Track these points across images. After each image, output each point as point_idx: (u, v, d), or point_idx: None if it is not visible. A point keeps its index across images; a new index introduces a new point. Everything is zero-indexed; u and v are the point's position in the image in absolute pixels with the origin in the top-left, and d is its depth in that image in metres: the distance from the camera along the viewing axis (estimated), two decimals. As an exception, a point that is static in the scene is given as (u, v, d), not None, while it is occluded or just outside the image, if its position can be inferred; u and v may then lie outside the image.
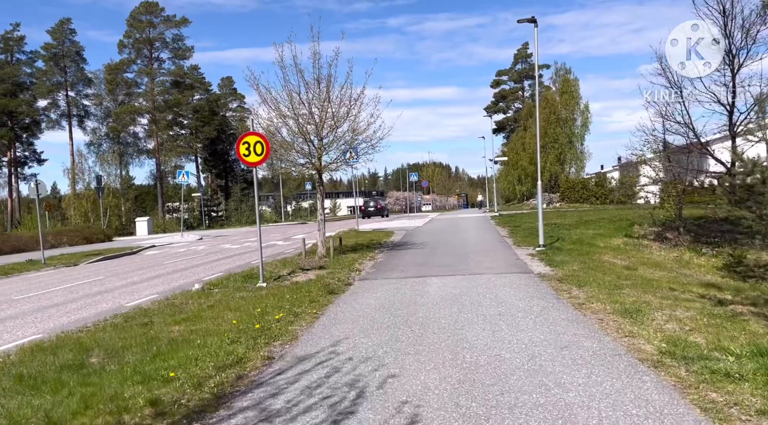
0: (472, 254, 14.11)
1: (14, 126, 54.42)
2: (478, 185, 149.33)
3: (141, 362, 5.80)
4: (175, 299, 9.77)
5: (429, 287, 9.55)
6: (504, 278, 10.11)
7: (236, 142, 10.99)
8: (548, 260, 12.11)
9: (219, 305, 8.83)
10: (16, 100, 52.96)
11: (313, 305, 8.32)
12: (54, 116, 56.21)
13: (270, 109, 14.49)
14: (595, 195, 47.27)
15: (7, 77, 53.03)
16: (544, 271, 10.79)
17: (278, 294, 9.46)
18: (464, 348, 5.58)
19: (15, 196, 58.97)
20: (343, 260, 13.73)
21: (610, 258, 12.82)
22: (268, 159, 15.07)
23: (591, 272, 10.17)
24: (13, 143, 55.34)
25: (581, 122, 57.22)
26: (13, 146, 56.03)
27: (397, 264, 13.00)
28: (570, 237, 17.72)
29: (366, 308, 8.01)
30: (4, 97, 52.29)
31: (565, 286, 8.92)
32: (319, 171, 14.60)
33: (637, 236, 17.95)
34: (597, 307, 7.14)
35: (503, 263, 12.31)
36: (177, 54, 57.30)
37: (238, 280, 11.48)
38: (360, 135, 14.69)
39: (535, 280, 9.77)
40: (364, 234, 22.55)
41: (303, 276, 11.69)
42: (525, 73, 70.49)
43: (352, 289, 9.87)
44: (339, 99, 14.16)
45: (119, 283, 13.17)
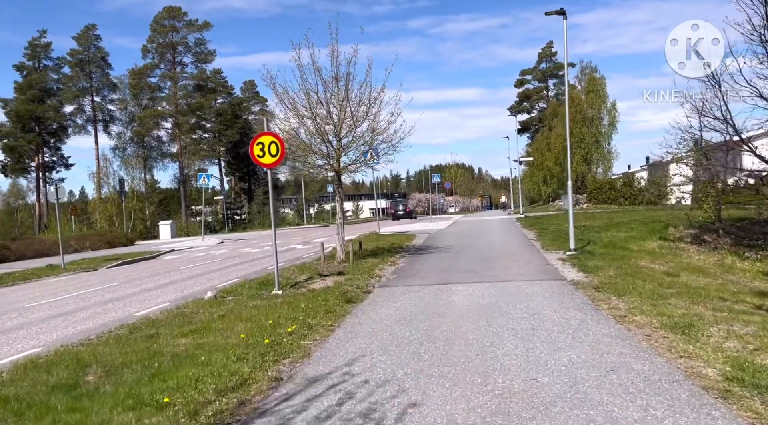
0: (498, 259, 13.41)
1: (42, 132, 55.12)
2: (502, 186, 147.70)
3: (138, 382, 5.28)
4: (185, 308, 9.30)
5: (454, 295, 8.91)
6: (535, 285, 9.41)
7: (250, 142, 10.49)
8: (581, 266, 11.36)
9: (230, 315, 8.32)
10: (43, 106, 53.64)
11: (328, 316, 7.74)
12: (80, 121, 56.86)
13: (287, 109, 14.04)
14: (623, 196, 45.97)
15: (35, 84, 53.75)
16: (577, 278, 10.06)
17: (293, 303, 8.92)
18: (495, 370, 4.93)
19: (43, 200, 59.78)
20: (362, 266, 13.16)
21: (647, 263, 12.01)
22: (285, 161, 14.65)
23: (629, 279, 9.42)
24: (41, 148, 56.07)
25: (608, 121, 55.89)
26: (41, 151, 56.78)
27: (419, 270, 12.37)
28: (601, 240, 16.89)
29: (385, 319, 7.40)
30: (31, 104, 53.00)
31: (602, 295, 8.20)
32: (337, 173, 14.06)
33: (672, 239, 17.06)
34: (642, 320, 6.43)
35: (533, 268, 11.59)
36: (199, 58, 57.49)
37: (253, 287, 10.98)
38: (380, 135, 14.12)
39: (568, 288, 9.06)
40: (385, 238, 21.96)
41: (320, 283, 11.14)
42: (549, 73, 69.27)
43: (371, 297, 9.27)
44: (358, 98, 13.62)
45: (132, 290, 12.78)
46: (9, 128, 53.68)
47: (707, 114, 16.06)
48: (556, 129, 56.67)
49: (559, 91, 69.21)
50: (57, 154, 59.86)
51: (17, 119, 52.65)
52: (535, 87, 71.62)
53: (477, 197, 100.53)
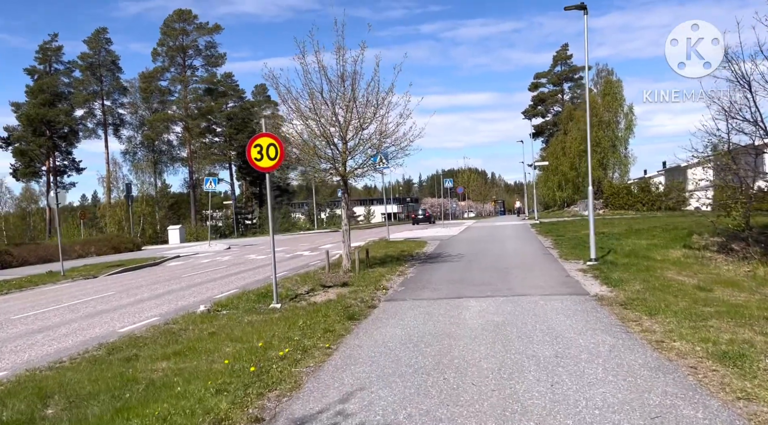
0: (514, 270, 12.58)
1: (53, 135, 55.07)
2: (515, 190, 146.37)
3: (100, 419, 4.57)
4: (175, 323, 8.60)
5: (465, 312, 8.11)
6: (555, 301, 8.58)
7: (247, 144, 9.78)
8: (604, 278, 10.50)
9: (221, 333, 7.59)
10: (54, 110, 53.57)
11: (327, 337, 6.98)
12: (90, 125, 56.75)
13: (291, 110, 13.37)
14: (641, 201, 44.82)
15: (46, 87, 53.72)
16: (601, 292, 9.22)
17: (290, 319, 8.18)
18: (515, 413, 4.14)
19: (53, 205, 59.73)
20: (369, 276, 12.40)
21: (675, 275, 11.12)
22: (289, 165, 13.95)
23: (659, 295, 8.56)
24: (52, 153, 56.02)
25: (625, 125, 54.69)
26: (53, 155, 56.73)
27: (428, 281, 11.58)
28: (622, 249, 16.01)
29: (389, 341, 6.62)
30: (42, 107, 52.95)
31: (632, 314, 7.36)
32: (343, 177, 13.32)
33: (697, 248, 16.13)
34: (683, 348, 5.59)
35: (551, 281, 10.75)
36: (210, 61, 57.19)
37: (251, 300, 10.25)
38: (388, 138, 13.37)
39: (592, 304, 8.22)
40: (395, 244, 21.18)
41: (323, 295, 10.39)
42: (565, 76, 68.18)
43: (376, 313, 8.50)
44: (365, 98, 12.90)
45: (126, 301, 12.12)
46: (20, 131, 53.66)
47: (735, 116, 15.14)
48: (571, 133, 55.59)
49: (575, 95, 68.13)
50: (68, 158, 59.82)
51: (28, 123, 52.62)
52: (549, 90, 70.53)
53: (490, 202, 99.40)
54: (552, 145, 62.10)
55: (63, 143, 57.05)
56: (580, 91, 66.87)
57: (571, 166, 55.45)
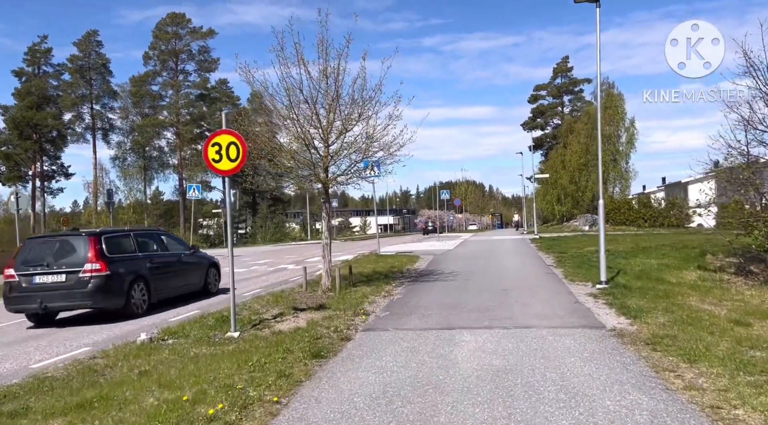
0: (514, 292, 11.10)
1: (40, 139, 53.58)
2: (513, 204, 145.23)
3: None
4: (104, 356, 7.10)
5: (458, 350, 6.62)
6: (566, 337, 7.09)
7: (204, 143, 8.33)
8: (620, 306, 9.03)
9: (153, 374, 6.11)
10: (41, 113, 52.12)
11: (279, 384, 5.47)
12: (79, 129, 55.29)
13: (267, 109, 11.98)
14: (643, 217, 43.47)
15: (34, 90, 52.32)
16: (620, 325, 7.74)
17: (244, 354, 6.70)
18: None
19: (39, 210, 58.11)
20: (350, 297, 10.91)
21: (698, 302, 9.65)
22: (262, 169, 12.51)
23: (690, 330, 7.09)
24: (40, 157, 54.50)
25: (626, 139, 53.53)
26: (40, 160, 55.21)
27: (417, 305, 10.08)
28: (632, 269, 14.58)
29: (357, 394, 5.13)
30: (29, 110, 51.50)
31: (665, 359, 5.87)
32: (324, 185, 11.86)
33: (713, 269, 14.70)
34: (752, 420, 4.11)
35: (559, 308, 9.27)
36: (203, 66, 55.89)
37: (208, 325, 8.77)
38: (376, 141, 11.93)
39: (613, 343, 6.73)
40: (385, 259, 19.69)
41: (291, 321, 8.88)
42: (565, 88, 67.12)
43: (349, 349, 6.99)
44: (350, 97, 11.49)
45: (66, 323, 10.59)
46: (6, 135, 52.17)
47: (756, 125, 13.77)
48: (571, 146, 54.40)
49: (575, 108, 67.07)
50: (57, 163, 58.32)
51: (14, 126, 51.14)
52: (549, 103, 69.44)
53: (488, 215, 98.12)
54: (551, 158, 60.88)
55: (50, 147, 55.54)
56: (581, 104, 65.85)
57: (570, 179, 54.19)
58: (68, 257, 10.15)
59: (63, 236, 10.97)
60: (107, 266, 10.11)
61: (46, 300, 9.82)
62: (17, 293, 10.05)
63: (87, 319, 10.82)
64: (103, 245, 10.31)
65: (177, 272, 12.31)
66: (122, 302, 10.31)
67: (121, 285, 10.32)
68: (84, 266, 9.96)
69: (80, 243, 10.26)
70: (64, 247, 10.36)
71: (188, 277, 12.75)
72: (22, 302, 10.11)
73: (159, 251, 12.00)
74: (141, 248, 11.38)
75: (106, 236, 10.67)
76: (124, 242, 11.14)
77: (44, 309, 9.96)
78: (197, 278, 13.06)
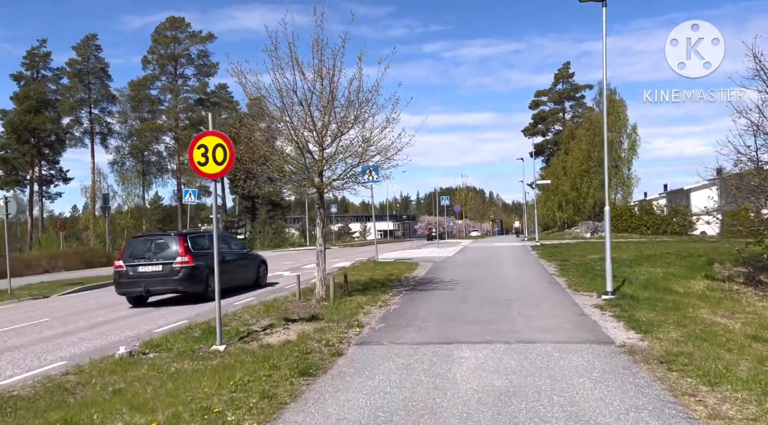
0: (516, 303, 10.62)
1: (38, 143, 53.18)
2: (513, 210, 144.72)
3: None
4: (79, 372, 6.63)
5: (457, 368, 6.14)
6: (572, 353, 6.62)
7: (190, 145, 7.89)
8: (628, 319, 8.56)
9: (126, 393, 5.65)
10: (40, 118, 51.75)
11: (261, 407, 5.00)
12: (77, 134, 54.90)
13: (260, 111, 11.57)
14: (645, 224, 42.98)
15: (32, 94, 51.97)
16: (630, 340, 7.26)
17: (228, 370, 6.24)
18: None
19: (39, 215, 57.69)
20: (345, 307, 10.44)
21: (710, 315, 9.17)
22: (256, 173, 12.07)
23: (706, 347, 6.62)
24: (38, 161, 54.10)
25: (628, 145, 53.17)
26: (39, 164, 54.81)
27: (414, 316, 9.61)
28: (637, 278, 14.12)
29: (345, 421, 4.65)
30: (27, 114, 51.14)
31: (683, 381, 5.40)
32: (319, 189, 11.41)
33: (721, 279, 14.22)
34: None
35: (563, 321, 8.79)
36: (202, 70, 55.51)
37: (193, 337, 8.30)
38: (373, 145, 11.49)
39: (624, 361, 6.26)
40: (383, 266, 19.22)
41: (281, 334, 8.41)
42: (566, 94, 66.77)
43: (340, 365, 6.52)
44: (346, 98, 11.05)
45: (51, 332, 10.13)
46: (4, 139, 51.78)
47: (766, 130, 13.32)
48: (573, 152, 53.99)
49: (576, 114, 66.71)
50: (55, 167, 57.92)
51: (12, 130, 50.75)
52: (550, 109, 69.07)
53: (488, 222, 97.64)
54: (552, 164, 60.49)
55: (49, 151, 55.14)
56: (582, 110, 65.52)
57: (572, 186, 53.77)
58: (163, 252, 12.88)
59: (159, 236, 13.90)
60: (193, 259, 12.76)
61: (148, 285, 12.60)
62: (126, 279, 12.75)
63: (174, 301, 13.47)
64: (188, 242, 13.02)
65: (238, 267, 14.70)
66: (202, 288, 12.91)
67: (202, 275, 12.88)
68: (176, 259, 12.65)
69: (172, 241, 13.01)
70: (160, 244, 13.09)
71: (246, 271, 15.23)
72: (130, 286, 12.81)
73: (225, 250, 13.95)
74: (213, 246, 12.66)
75: (190, 236, 13.45)
76: (201, 241, 13.65)
77: (147, 292, 12.76)
78: (251, 272, 15.51)
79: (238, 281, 14.51)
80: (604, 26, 10.95)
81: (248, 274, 15.30)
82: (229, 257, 14.15)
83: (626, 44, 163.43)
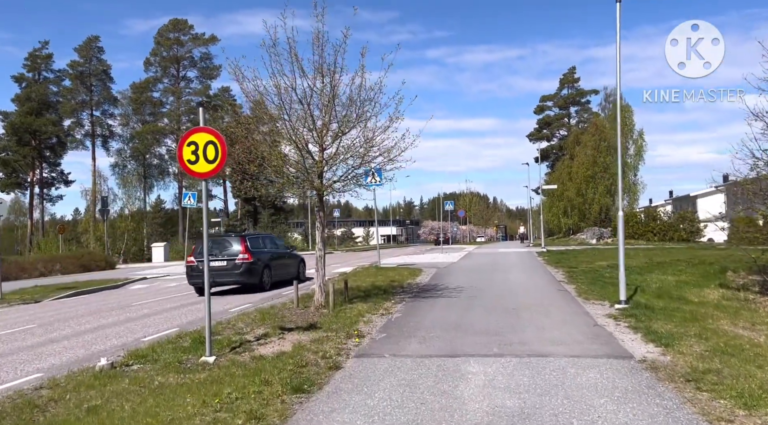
0: (525, 312, 10.09)
1: (39, 146, 52.85)
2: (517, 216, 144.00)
3: None
4: (54, 386, 6.13)
5: (464, 386, 5.62)
6: (591, 370, 6.08)
7: (179, 142, 7.41)
8: (645, 330, 8.02)
9: (102, 411, 5.16)
10: (41, 120, 51.43)
11: (247, 430, 4.50)
12: (78, 136, 54.54)
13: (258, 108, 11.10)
14: (651, 231, 42.39)
15: (34, 96, 51.67)
16: (650, 355, 6.73)
17: (215, 385, 5.74)
18: None
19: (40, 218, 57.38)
20: (345, 315, 9.93)
21: (730, 327, 8.63)
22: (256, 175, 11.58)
23: (734, 363, 6.09)
24: (39, 163, 53.76)
25: (634, 151, 52.59)
26: (40, 166, 54.48)
27: (418, 325, 9.09)
28: (648, 286, 13.58)
29: (341, 447, 4.14)
30: (29, 116, 50.84)
31: (714, 402, 4.87)
32: (318, 192, 10.91)
33: (735, 287, 13.67)
34: None
35: (576, 332, 8.26)
36: (204, 73, 55.14)
37: (182, 347, 7.79)
38: (375, 146, 10.99)
39: (647, 378, 5.72)
40: (385, 272, 18.70)
41: (276, 344, 7.89)
42: (571, 99, 66.27)
43: (337, 381, 6.00)
44: (348, 96, 10.58)
45: (36, 339, 9.64)
46: (4, 141, 51.45)
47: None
48: (578, 157, 53.45)
49: (581, 119, 66.17)
50: (56, 170, 57.59)
51: (13, 132, 50.43)
52: (555, 114, 68.56)
53: (492, 227, 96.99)
54: (558, 170, 59.95)
55: (50, 153, 54.80)
56: (587, 115, 65.00)
57: (577, 192, 53.20)
58: (228, 250, 15.17)
59: (224, 237, 16.90)
60: (251, 256, 15.09)
61: (215, 278, 14.64)
62: (196, 273, 14.82)
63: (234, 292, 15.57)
64: (248, 243, 15.34)
65: (284, 264, 17.10)
66: (258, 280, 15.17)
67: (258, 269, 15.17)
68: (238, 256, 15.00)
69: (235, 241, 15.37)
70: (225, 243, 15.47)
71: (290, 268, 17.43)
72: (200, 278, 14.08)
73: (274, 249, 16.86)
74: (266, 246, 16.40)
75: (249, 237, 15.94)
76: (257, 241, 16.13)
77: (215, 284, 14.75)
78: (294, 268, 17.71)
79: (285, 275, 16.55)
80: (618, 24, 10.46)
81: (292, 270, 17.58)
82: (278, 255, 16.75)
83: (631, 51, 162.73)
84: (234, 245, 15.15)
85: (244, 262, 14.95)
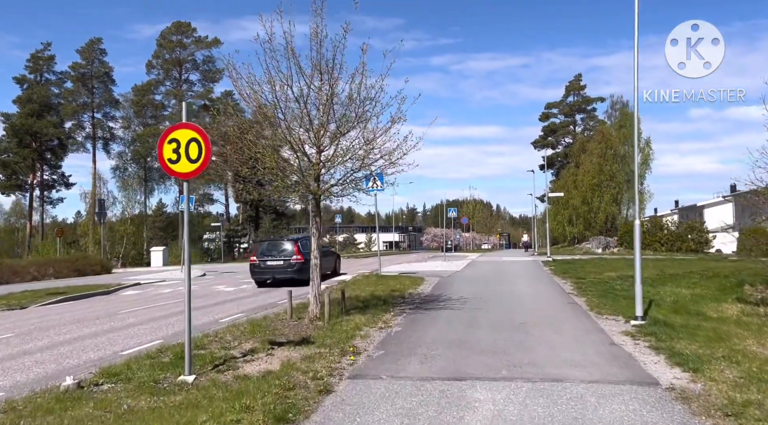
0: (535, 328, 9.38)
1: (40, 148, 52.39)
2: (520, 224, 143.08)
3: None
4: (8, 410, 5.48)
5: (471, 416, 4.93)
6: (612, 400, 5.39)
7: (159, 140, 6.76)
8: (669, 352, 7.31)
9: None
10: (42, 122, 50.99)
11: (215, 473, 3.81)
12: (79, 138, 54.07)
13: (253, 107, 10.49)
14: (659, 241, 41.53)
15: (35, 97, 51.25)
16: (678, 381, 6.02)
17: (190, 412, 5.09)
18: None
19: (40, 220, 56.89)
20: (341, 328, 9.26)
21: (759, 347, 7.92)
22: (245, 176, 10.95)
23: (775, 393, 5.39)
24: (40, 166, 53.30)
25: (641, 159, 51.79)
26: (41, 169, 54.02)
27: (419, 341, 8.39)
28: (663, 300, 12.85)
29: (324, 499, 3.46)
30: (30, 118, 50.40)
31: (766, 446, 4.18)
32: (315, 196, 10.26)
33: (754, 302, 12.95)
34: None
35: (592, 352, 7.55)
36: (207, 76, 54.68)
37: (160, 363, 7.13)
38: (376, 148, 10.34)
39: (679, 413, 5.02)
40: (386, 280, 18.00)
41: (263, 361, 7.21)
42: (577, 107, 65.61)
43: (326, 409, 5.31)
44: (347, 95, 9.94)
45: (5, 352, 8.94)
46: (5, 143, 51.00)
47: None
48: (584, 165, 52.73)
49: (587, 127, 65.51)
50: (57, 172, 57.12)
51: (14, 134, 49.99)
52: (561, 121, 67.88)
53: (495, 235, 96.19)
54: (563, 178, 59.20)
55: (50, 156, 54.33)
56: (593, 123, 64.33)
57: (583, 200, 52.45)
58: (283, 251, 18.35)
59: (280, 240, 19.68)
60: (303, 257, 17.48)
61: (274, 274, 18.21)
62: (258, 270, 18.40)
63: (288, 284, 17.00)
64: (300, 245, 18.34)
65: (326, 260, 18.64)
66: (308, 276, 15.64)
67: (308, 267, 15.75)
68: (292, 256, 18.13)
69: (289, 244, 18.62)
70: (281, 246, 18.72)
71: (330, 263, 20.88)
72: (262, 274, 18.41)
73: None
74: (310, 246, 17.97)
75: (300, 240, 18.76)
76: (307, 243, 17.54)
77: (273, 279, 18.21)
78: (332, 263, 21.60)
79: (326, 269, 18.67)
80: (636, 21, 9.83)
81: (331, 265, 21.08)
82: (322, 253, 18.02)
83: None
84: (288, 247, 18.35)
85: (297, 262, 17.90)
